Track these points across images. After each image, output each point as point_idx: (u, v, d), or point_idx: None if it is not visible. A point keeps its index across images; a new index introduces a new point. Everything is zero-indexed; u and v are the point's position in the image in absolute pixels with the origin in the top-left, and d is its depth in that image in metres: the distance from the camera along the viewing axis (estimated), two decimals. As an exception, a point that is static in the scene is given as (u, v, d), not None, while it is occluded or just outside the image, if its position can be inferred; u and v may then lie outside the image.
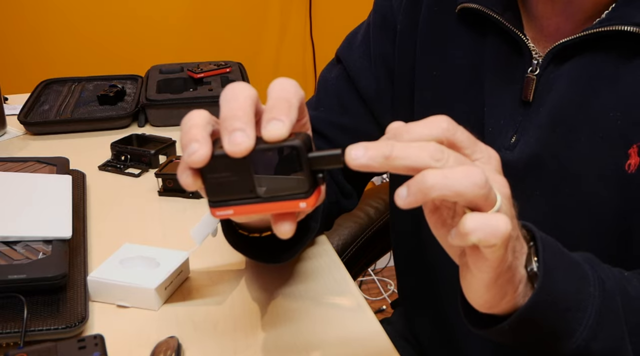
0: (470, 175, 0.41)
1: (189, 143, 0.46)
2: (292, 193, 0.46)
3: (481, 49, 0.71)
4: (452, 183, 0.41)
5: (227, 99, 0.47)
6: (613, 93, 0.62)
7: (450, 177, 0.41)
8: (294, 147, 0.45)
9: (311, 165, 0.46)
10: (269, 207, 0.47)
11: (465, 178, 0.41)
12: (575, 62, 0.64)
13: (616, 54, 0.62)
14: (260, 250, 0.68)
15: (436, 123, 0.44)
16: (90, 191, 0.93)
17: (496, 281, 0.46)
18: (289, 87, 0.48)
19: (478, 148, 0.46)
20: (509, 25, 0.67)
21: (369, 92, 0.81)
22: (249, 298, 0.70)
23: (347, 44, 0.84)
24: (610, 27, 0.61)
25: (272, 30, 2.23)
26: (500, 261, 0.44)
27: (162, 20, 2.09)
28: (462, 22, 0.72)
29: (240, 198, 0.47)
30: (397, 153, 0.42)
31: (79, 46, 2.05)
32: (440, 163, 0.42)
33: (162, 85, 1.25)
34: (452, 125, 0.44)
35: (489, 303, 0.48)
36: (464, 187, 0.41)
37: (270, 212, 0.47)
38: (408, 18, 0.77)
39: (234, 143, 0.45)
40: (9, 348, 0.60)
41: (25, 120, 1.14)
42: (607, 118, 0.62)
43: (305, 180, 0.46)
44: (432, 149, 0.42)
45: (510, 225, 0.42)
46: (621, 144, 0.62)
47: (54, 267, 0.66)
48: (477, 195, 0.41)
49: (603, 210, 0.64)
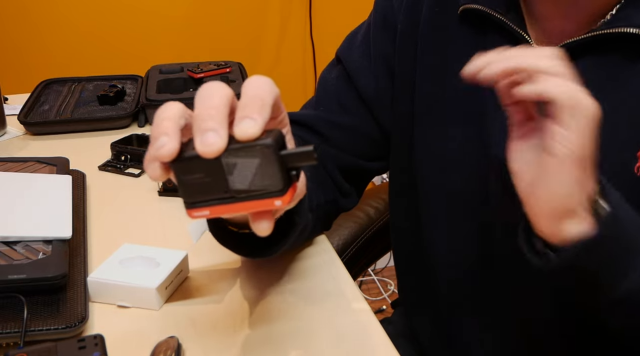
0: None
1: (159, 137, 0.46)
2: (266, 192, 0.47)
3: (483, 50, 0.70)
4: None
5: (201, 98, 0.47)
6: (619, 96, 0.62)
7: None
8: (265, 145, 0.45)
9: (284, 162, 0.46)
10: (244, 206, 0.47)
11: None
12: (580, 64, 0.62)
13: (621, 56, 0.62)
14: (247, 246, 0.68)
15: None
16: (90, 191, 0.93)
17: (572, 173, 0.50)
18: (263, 85, 0.48)
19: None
20: (513, 25, 0.66)
21: (368, 91, 0.81)
22: (249, 297, 0.70)
23: (347, 44, 0.84)
24: (614, 29, 0.60)
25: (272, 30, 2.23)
26: (581, 137, 0.50)
27: (162, 20, 2.09)
28: (463, 22, 0.72)
29: (215, 199, 0.48)
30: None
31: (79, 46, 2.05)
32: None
33: (162, 85, 1.25)
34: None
35: (560, 212, 0.52)
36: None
37: (246, 211, 0.48)
38: (409, 18, 0.77)
39: (206, 143, 0.45)
40: (9, 348, 0.60)
41: (25, 120, 1.14)
42: (614, 120, 0.61)
43: (279, 178, 0.46)
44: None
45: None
46: (629, 147, 0.61)
47: (54, 266, 0.66)
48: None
49: None
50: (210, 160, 0.45)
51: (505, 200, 0.69)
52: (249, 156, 0.46)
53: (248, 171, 0.46)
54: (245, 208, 0.48)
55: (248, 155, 0.46)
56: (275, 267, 0.75)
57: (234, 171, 0.46)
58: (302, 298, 0.70)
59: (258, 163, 0.46)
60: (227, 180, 0.47)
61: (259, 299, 0.70)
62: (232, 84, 1.25)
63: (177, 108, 0.48)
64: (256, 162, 0.46)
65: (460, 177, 0.73)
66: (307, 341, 0.63)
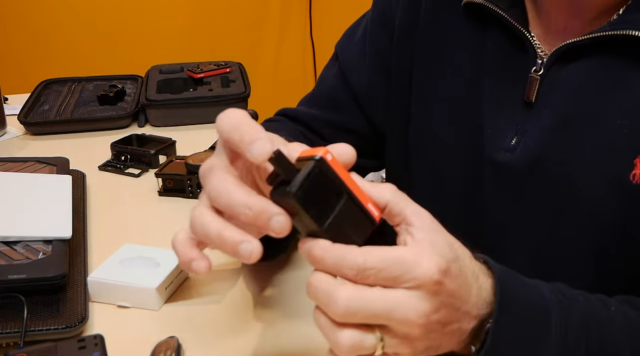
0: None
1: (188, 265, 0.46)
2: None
3: (482, 47, 0.69)
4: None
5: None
6: (622, 101, 0.60)
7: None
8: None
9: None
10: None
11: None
12: (582, 64, 0.62)
13: (626, 59, 0.60)
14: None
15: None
16: (90, 191, 0.93)
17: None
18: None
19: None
20: (514, 22, 0.65)
21: (361, 88, 0.80)
22: (249, 297, 0.70)
23: (345, 40, 0.85)
24: (620, 31, 0.58)
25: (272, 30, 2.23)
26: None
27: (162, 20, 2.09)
28: (463, 18, 0.71)
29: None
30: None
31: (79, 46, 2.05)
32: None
33: (162, 85, 1.25)
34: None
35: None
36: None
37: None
38: (407, 14, 0.76)
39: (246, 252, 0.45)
40: (9, 348, 0.60)
41: (25, 120, 1.14)
42: (614, 126, 0.60)
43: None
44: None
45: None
46: (627, 153, 0.60)
47: (54, 266, 0.66)
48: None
49: (604, 219, 0.62)
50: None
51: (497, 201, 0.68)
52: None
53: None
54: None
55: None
56: (275, 267, 0.75)
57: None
58: (302, 298, 0.70)
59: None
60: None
61: (259, 299, 0.70)
62: (233, 84, 1.25)
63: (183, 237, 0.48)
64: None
65: (453, 177, 0.73)
66: (308, 341, 0.63)
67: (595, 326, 0.52)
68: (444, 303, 0.44)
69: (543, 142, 0.64)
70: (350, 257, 0.43)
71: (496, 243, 0.69)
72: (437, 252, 0.44)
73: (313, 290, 0.44)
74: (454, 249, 0.46)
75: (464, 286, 0.45)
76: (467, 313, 0.46)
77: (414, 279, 0.43)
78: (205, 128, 1.17)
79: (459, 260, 0.46)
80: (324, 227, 0.43)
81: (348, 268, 0.43)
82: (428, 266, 0.43)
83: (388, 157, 0.83)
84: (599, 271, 0.64)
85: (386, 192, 0.46)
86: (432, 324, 0.44)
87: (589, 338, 0.51)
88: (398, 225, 0.46)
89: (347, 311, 0.42)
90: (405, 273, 0.43)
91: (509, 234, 0.68)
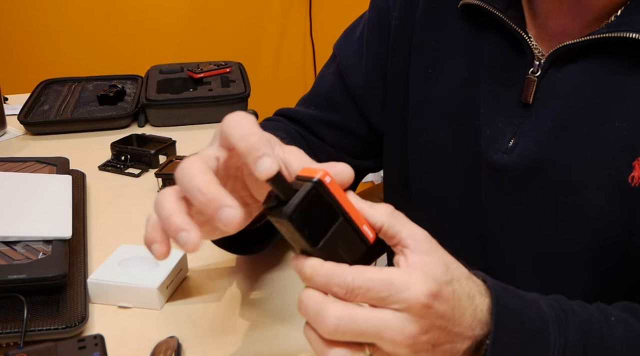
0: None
1: (176, 234, 0.45)
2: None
3: (479, 48, 0.69)
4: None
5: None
6: (620, 103, 0.60)
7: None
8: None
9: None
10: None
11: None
12: (580, 66, 0.62)
13: (624, 61, 0.59)
14: (235, 243, 0.67)
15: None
16: (90, 191, 0.93)
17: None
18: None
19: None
20: (511, 23, 0.65)
21: (357, 89, 0.81)
22: (249, 296, 0.70)
23: (343, 40, 0.85)
24: (618, 33, 0.58)
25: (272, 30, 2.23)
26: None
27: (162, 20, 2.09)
28: (460, 19, 0.71)
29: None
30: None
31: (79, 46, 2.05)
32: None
33: (162, 85, 1.25)
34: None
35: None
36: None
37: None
38: (404, 15, 0.76)
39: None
40: (9, 348, 0.60)
41: (25, 120, 1.14)
42: (612, 128, 0.60)
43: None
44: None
45: None
46: (625, 155, 0.59)
47: (54, 266, 0.66)
48: None
49: (603, 221, 0.61)
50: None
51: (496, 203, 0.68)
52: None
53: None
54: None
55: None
56: (275, 266, 0.75)
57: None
58: (302, 298, 0.70)
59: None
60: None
61: (259, 298, 0.70)
62: (233, 84, 1.25)
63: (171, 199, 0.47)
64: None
65: (450, 179, 0.72)
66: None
67: (595, 340, 0.51)
68: (434, 325, 0.44)
69: (541, 144, 0.63)
70: (339, 276, 0.44)
71: (494, 244, 0.69)
72: (429, 274, 0.44)
73: (303, 307, 0.44)
74: (449, 271, 0.46)
75: (457, 308, 0.46)
76: (459, 334, 0.47)
77: (401, 301, 0.43)
78: (205, 128, 1.17)
79: (453, 282, 0.46)
80: (317, 247, 0.44)
81: (338, 287, 0.44)
82: (416, 289, 0.43)
83: (386, 158, 0.83)
84: (598, 272, 0.63)
85: (382, 215, 0.46)
86: (420, 344, 0.44)
87: (588, 354, 0.51)
88: (394, 246, 0.47)
89: (336, 329, 0.43)
90: (393, 295, 0.43)
91: (507, 235, 0.68)
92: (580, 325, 0.51)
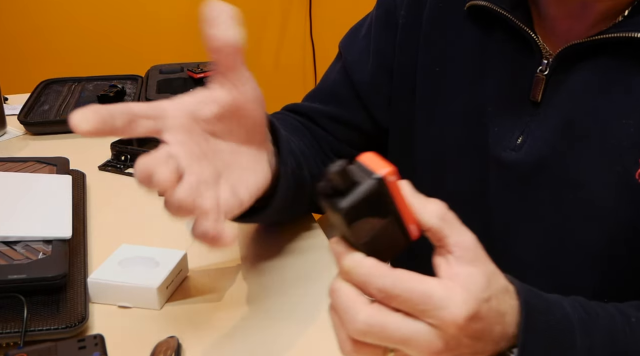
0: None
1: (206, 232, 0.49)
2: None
3: (487, 48, 0.69)
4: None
5: None
6: (627, 101, 0.60)
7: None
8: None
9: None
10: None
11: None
12: (588, 64, 0.62)
13: (631, 60, 0.60)
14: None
15: None
16: (90, 191, 0.93)
17: None
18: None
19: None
20: (519, 22, 0.65)
21: (363, 85, 0.81)
22: (249, 296, 0.70)
23: (349, 38, 0.85)
24: (625, 33, 0.58)
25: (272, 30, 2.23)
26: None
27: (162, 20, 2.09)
28: (467, 19, 0.71)
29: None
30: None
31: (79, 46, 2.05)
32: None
33: (162, 85, 1.25)
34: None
35: None
36: None
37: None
38: (411, 13, 0.76)
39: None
40: (9, 348, 0.60)
41: (25, 120, 1.14)
42: (619, 126, 0.60)
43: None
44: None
45: None
46: (633, 153, 0.60)
47: (54, 266, 0.66)
48: None
49: (610, 218, 0.62)
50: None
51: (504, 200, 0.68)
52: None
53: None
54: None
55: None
56: (276, 265, 0.75)
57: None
58: (303, 297, 0.70)
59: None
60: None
61: (259, 298, 0.70)
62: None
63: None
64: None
65: (458, 176, 0.73)
66: (309, 341, 0.63)
67: (620, 342, 0.51)
68: (462, 343, 0.44)
69: (549, 141, 0.64)
70: (379, 278, 0.42)
71: (501, 241, 0.70)
72: (470, 292, 0.43)
73: (334, 300, 0.43)
74: (490, 286, 0.44)
75: (488, 326, 0.45)
76: (484, 349, 0.46)
77: (437, 318, 0.42)
78: (205, 128, 1.17)
79: (491, 300, 0.44)
80: (361, 241, 0.43)
81: (376, 290, 0.42)
82: (455, 310, 0.42)
83: (392, 155, 0.83)
84: (605, 269, 0.64)
85: (433, 217, 0.44)
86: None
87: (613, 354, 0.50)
88: (439, 247, 0.46)
89: (364, 333, 0.42)
90: (430, 311, 0.42)
91: (515, 233, 0.68)
92: (604, 326, 0.51)
